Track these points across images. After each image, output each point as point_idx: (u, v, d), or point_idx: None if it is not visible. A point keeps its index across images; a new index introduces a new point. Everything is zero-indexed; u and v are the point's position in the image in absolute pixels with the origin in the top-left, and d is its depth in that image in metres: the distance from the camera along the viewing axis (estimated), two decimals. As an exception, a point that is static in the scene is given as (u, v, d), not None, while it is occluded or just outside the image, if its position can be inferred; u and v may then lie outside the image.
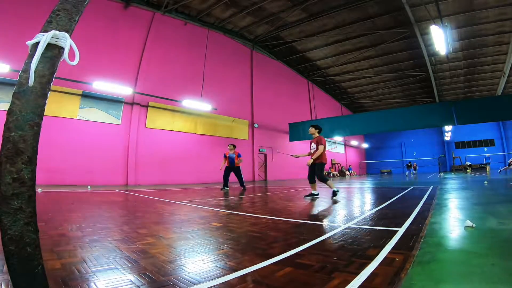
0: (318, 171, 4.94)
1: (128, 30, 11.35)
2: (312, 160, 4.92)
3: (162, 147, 11.86)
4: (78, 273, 1.24)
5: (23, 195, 0.79)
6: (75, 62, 0.98)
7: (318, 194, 4.94)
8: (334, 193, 4.84)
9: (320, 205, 4.01)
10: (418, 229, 2.12)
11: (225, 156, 7.95)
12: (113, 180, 10.17)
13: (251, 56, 17.26)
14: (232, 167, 7.84)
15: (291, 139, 17.68)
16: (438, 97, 24.27)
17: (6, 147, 0.79)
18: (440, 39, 9.83)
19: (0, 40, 8.09)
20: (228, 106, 14.95)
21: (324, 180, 4.96)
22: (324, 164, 5.03)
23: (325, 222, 2.69)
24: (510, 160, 16.30)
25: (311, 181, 5.04)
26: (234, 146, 8.05)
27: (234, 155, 7.83)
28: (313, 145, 5.04)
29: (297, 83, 21.49)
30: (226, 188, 7.49)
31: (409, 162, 23.77)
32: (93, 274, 1.24)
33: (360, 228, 2.29)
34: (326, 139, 5.15)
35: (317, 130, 5.10)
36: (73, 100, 9.64)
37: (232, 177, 7.95)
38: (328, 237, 1.99)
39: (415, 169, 23.85)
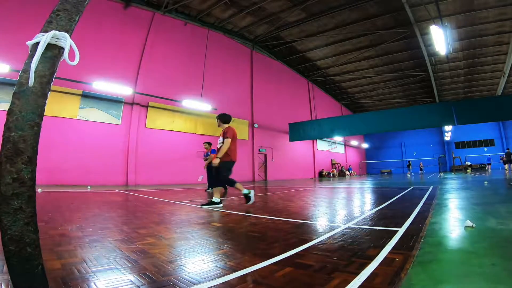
0: (223, 171, 3.84)
1: (128, 30, 11.36)
2: (218, 160, 3.80)
3: (162, 147, 11.86)
4: (78, 273, 1.24)
5: (23, 195, 0.79)
6: (75, 62, 0.98)
7: (220, 203, 3.79)
8: (247, 197, 3.89)
9: (320, 205, 4.01)
10: (418, 229, 2.12)
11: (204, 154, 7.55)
12: (113, 180, 10.17)
13: (251, 56, 17.26)
14: (210, 166, 7.40)
15: (291, 139, 17.69)
16: (438, 97, 24.28)
17: (6, 147, 0.79)
18: (440, 39, 9.83)
19: (0, 40, 8.09)
20: (228, 106, 14.93)
21: (230, 182, 3.89)
22: (233, 162, 3.96)
23: (325, 222, 2.69)
24: (502, 156, 16.16)
25: (213, 184, 3.85)
26: (210, 144, 7.46)
27: (209, 153, 7.30)
28: (220, 139, 3.98)
29: (297, 83, 21.49)
30: (210, 189, 6.93)
31: (409, 162, 23.85)
32: (93, 274, 1.24)
33: (360, 228, 2.29)
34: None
35: (223, 120, 4.08)
36: (73, 100, 9.64)
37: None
38: (328, 237, 1.99)
39: (421, 169, 23.98)
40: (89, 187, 8.04)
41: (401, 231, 2.08)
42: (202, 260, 1.48)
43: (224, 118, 4.14)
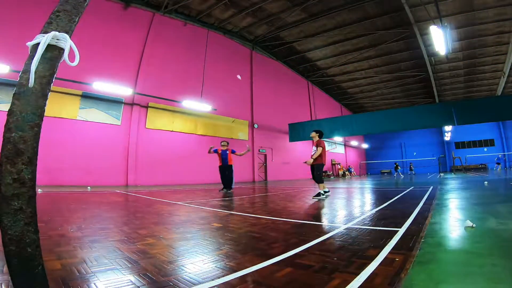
0: (316, 171, 5.25)
1: (128, 31, 11.36)
2: (312, 160, 5.23)
3: (162, 148, 11.85)
4: (78, 274, 1.24)
5: (23, 195, 0.79)
6: (75, 63, 0.98)
7: (329, 191, 5.27)
8: (319, 194, 4.99)
9: (320, 206, 4.01)
10: (418, 229, 2.12)
11: (216, 152, 7.45)
12: (113, 181, 10.16)
13: (251, 56, 17.27)
14: (225, 166, 7.30)
15: (291, 140, 17.68)
16: (438, 97, 24.28)
17: (7, 148, 0.79)
18: (440, 39, 9.83)
19: (0, 41, 8.10)
20: (228, 106, 14.96)
21: (319, 180, 5.18)
22: (323, 165, 5.34)
23: (325, 222, 2.69)
24: None
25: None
26: (227, 143, 7.58)
27: (228, 152, 7.34)
28: (314, 148, 5.39)
29: (297, 84, 21.49)
30: (225, 190, 7.13)
31: (396, 163, 24.01)
32: (93, 274, 1.24)
33: (360, 228, 2.29)
34: (325, 139, 5.26)
35: (318, 134, 5.47)
36: (73, 101, 9.64)
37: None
38: (328, 238, 1.99)
39: (411, 169, 24.01)
40: (89, 187, 8.04)
41: (401, 231, 2.08)
42: (202, 260, 1.48)
43: (319, 132, 5.48)
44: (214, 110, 13.53)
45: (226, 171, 7.30)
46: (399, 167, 22.97)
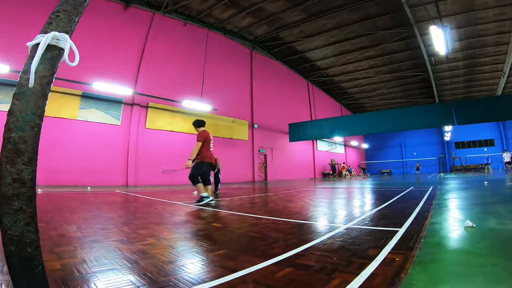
0: (194, 169, 4.26)
1: (128, 31, 11.36)
2: (190, 161, 4.24)
3: (162, 148, 11.85)
4: (78, 274, 1.24)
5: (23, 195, 0.79)
6: (75, 63, 0.98)
7: (208, 196, 4.21)
8: (201, 199, 4.17)
9: (320, 206, 4.01)
10: (418, 229, 2.12)
11: None
12: (113, 181, 10.16)
13: (251, 56, 17.27)
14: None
15: (291, 140, 17.69)
16: (438, 97, 24.28)
17: (7, 148, 0.79)
18: (440, 39, 9.83)
19: (0, 41, 8.10)
20: (228, 106, 14.96)
21: (194, 181, 4.25)
22: (204, 163, 4.34)
23: (325, 223, 2.69)
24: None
25: (194, 182, 4.24)
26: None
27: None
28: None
29: (297, 84, 21.50)
30: (217, 191, 6.99)
31: (417, 163, 24.39)
32: (93, 274, 1.24)
33: (360, 228, 2.29)
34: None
35: (196, 127, 4.53)
36: (73, 101, 9.64)
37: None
38: (328, 238, 1.99)
39: (417, 169, 24.15)
40: (89, 187, 8.04)
41: (401, 231, 2.08)
42: (202, 260, 1.48)
43: (197, 123, 4.69)
44: (214, 110, 13.53)
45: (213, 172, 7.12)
46: (420, 167, 23.31)
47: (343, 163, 25.90)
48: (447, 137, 29.72)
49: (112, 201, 4.87)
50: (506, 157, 16.95)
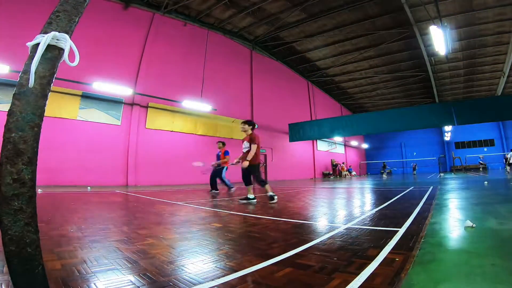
0: (254, 172, 4.51)
1: (128, 31, 11.36)
2: (247, 163, 4.39)
3: (162, 148, 11.86)
4: (78, 274, 1.24)
5: (23, 195, 0.79)
6: (75, 63, 0.98)
7: (254, 198, 4.46)
8: (271, 198, 4.34)
9: (320, 206, 4.01)
10: (418, 229, 2.12)
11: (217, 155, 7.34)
12: (113, 181, 10.16)
13: (250, 56, 17.27)
14: (217, 166, 7.05)
15: (291, 140, 17.69)
16: (438, 97, 24.28)
17: (7, 148, 0.79)
18: (440, 39, 9.83)
19: (0, 41, 8.09)
20: (228, 106, 14.96)
21: (261, 183, 4.49)
22: (259, 164, 4.63)
23: (325, 223, 2.69)
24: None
25: (246, 183, 4.53)
26: (223, 144, 7.28)
27: (220, 153, 7.08)
28: (246, 144, 4.57)
29: (297, 84, 21.50)
30: (214, 191, 6.78)
31: (384, 163, 24.63)
32: (93, 274, 1.24)
33: (360, 228, 2.29)
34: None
35: (250, 126, 4.63)
36: (73, 101, 9.65)
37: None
38: (328, 238, 1.99)
39: (414, 170, 24.15)
40: (89, 187, 8.04)
41: (401, 231, 2.08)
42: (202, 260, 1.48)
43: (252, 124, 4.74)
44: (214, 110, 13.53)
45: (215, 173, 7.02)
46: (416, 168, 23.95)
47: (342, 163, 25.94)
48: (447, 137, 29.73)
49: (112, 201, 4.87)
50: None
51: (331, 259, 1.47)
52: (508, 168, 15.58)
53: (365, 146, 34.51)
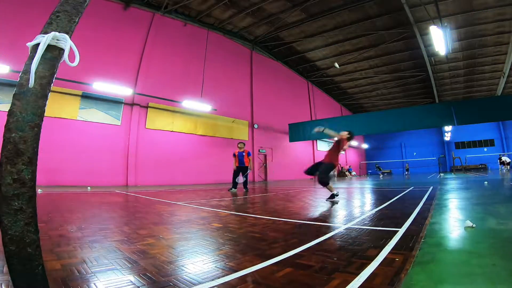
0: (329, 170, 4.75)
1: (128, 31, 11.37)
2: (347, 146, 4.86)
3: (162, 148, 11.86)
4: (78, 274, 1.24)
5: (23, 195, 0.79)
6: (75, 64, 0.98)
7: (337, 194, 4.63)
8: (332, 196, 4.47)
9: (320, 206, 4.01)
10: (418, 230, 2.12)
11: (234, 155, 7.76)
12: (113, 181, 10.17)
13: (250, 56, 17.27)
14: (241, 167, 7.62)
15: (291, 140, 17.69)
16: (438, 97, 24.29)
17: (7, 148, 0.79)
18: (440, 39, 9.84)
19: (0, 41, 8.10)
20: (228, 106, 14.97)
21: (324, 182, 4.61)
22: (335, 166, 4.90)
23: (325, 223, 2.69)
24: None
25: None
26: (244, 144, 7.94)
27: (244, 154, 7.66)
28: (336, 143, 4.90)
29: (297, 84, 21.51)
30: (233, 189, 7.14)
31: (376, 164, 24.52)
32: (93, 274, 1.24)
33: (360, 228, 2.29)
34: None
35: (349, 135, 4.99)
36: (73, 101, 9.65)
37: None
38: (328, 238, 1.99)
39: (407, 170, 24.15)
40: (89, 187, 8.04)
41: (401, 231, 2.08)
42: (202, 260, 1.48)
43: (351, 135, 4.98)
44: (214, 110, 13.54)
45: (241, 172, 7.57)
46: (409, 168, 23.43)
47: (342, 168, 25.97)
48: (447, 137, 29.73)
49: (112, 201, 4.87)
50: None
51: (331, 259, 1.47)
52: (503, 167, 15.61)
53: (365, 146, 34.50)
